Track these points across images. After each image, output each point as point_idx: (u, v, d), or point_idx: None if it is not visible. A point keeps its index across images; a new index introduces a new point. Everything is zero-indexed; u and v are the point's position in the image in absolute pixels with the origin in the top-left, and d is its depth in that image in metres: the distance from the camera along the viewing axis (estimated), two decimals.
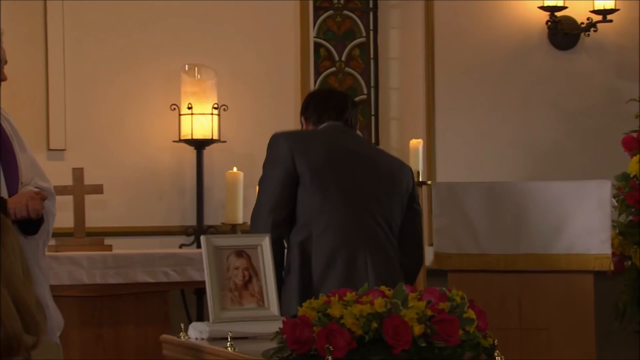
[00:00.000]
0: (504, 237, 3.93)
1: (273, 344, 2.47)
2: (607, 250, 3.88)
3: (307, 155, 3.65)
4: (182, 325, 3.11)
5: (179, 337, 3.06)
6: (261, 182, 3.80)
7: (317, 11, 6.61)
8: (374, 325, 2.26)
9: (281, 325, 2.42)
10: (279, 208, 3.62)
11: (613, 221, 4.90)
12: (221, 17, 5.97)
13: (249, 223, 5.63)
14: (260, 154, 5.75)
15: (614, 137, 5.71)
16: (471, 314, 2.33)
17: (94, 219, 5.53)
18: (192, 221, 5.79)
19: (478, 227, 3.95)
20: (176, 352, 3.04)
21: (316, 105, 3.91)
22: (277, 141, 3.76)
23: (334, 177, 3.60)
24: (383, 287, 2.42)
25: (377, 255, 3.45)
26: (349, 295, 2.37)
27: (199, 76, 5.74)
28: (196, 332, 3.05)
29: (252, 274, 3.09)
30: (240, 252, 3.09)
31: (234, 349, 2.70)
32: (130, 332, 4.91)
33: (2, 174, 3.95)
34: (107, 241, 5.22)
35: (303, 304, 2.44)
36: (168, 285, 4.98)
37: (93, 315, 4.92)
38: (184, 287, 5.28)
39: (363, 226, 3.50)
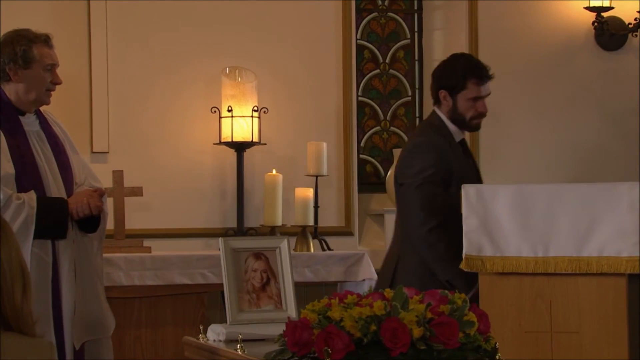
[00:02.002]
0: (533, 240, 3.88)
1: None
2: (639, 252, 3.81)
3: None
4: (202, 327, 3.13)
5: (199, 338, 3.09)
6: None
7: (361, 13, 6.62)
8: (373, 327, 2.26)
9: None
10: None
11: None
12: (262, 19, 6.00)
13: (288, 225, 5.73)
14: (301, 157, 5.84)
15: None
16: (472, 316, 2.32)
17: (136, 221, 5.60)
18: (232, 223, 5.83)
19: (507, 230, 3.90)
20: (195, 353, 3.07)
21: None
22: None
23: None
24: (387, 290, 2.42)
25: None
26: (350, 298, 2.38)
27: (239, 79, 5.78)
28: (214, 334, 3.07)
29: (270, 276, 3.11)
30: (258, 255, 3.11)
31: (244, 351, 2.72)
32: (168, 333, 4.98)
33: (59, 176, 4.05)
34: (148, 243, 5.29)
35: (306, 306, 2.45)
36: (205, 286, 5.04)
37: (131, 317, 5.00)
38: (221, 288, 5.29)
39: None
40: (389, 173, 6.37)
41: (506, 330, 3.89)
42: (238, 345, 2.79)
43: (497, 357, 2.34)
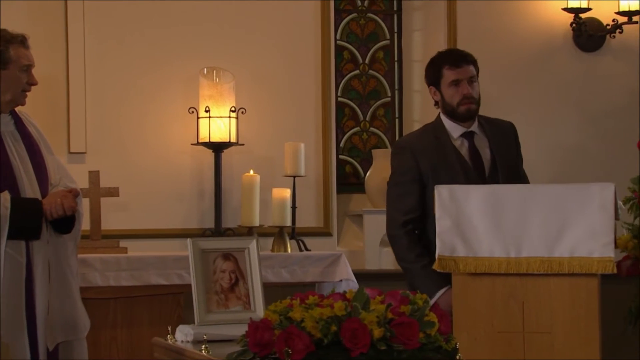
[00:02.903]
0: (506, 240, 3.89)
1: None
2: (610, 253, 3.81)
3: None
4: (170, 328, 3.14)
5: (167, 339, 3.09)
6: None
7: (340, 14, 6.63)
8: (333, 328, 2.27)
9: None
10: None
11: (628, 224, 4.86)
12: (240, 20, 6.00)
13: (265, 225, 5.73)
14: (279, 157, 5.84)
15: None
16: (432, 317, 2.32)
17: (113, 221, 5.60)
18: (210, 224, 5.83)
19: (480, 230, 3.91)
20: (163, 354, 3.07)
21: None
22: None
23: None
24: (350, 291, 2.43)
25: None
26: (311, 299, 2.38)
27: (217, 79, 5.78)
28: (182, 334, 3.07)
29: (238, 276, 3.11)
30: (227, 255, 3.12)
31: (209, 352, 2.72)
32: (144, 334, 4.96)
33: (34, 176, 4.05)
34: (125, 244, 5.29)
35: (269, 307, 2.45)
36: (182, 287, 5.02)
37: (107, 317, 4.99)
38: None
39: None
40: (368, 173, 6.38)
41: (479, 331, 3.91)
42: (203, 346, 2.79)
43: (457, 357, 2.34)
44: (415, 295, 2.39)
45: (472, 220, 3.94)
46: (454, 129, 4.41)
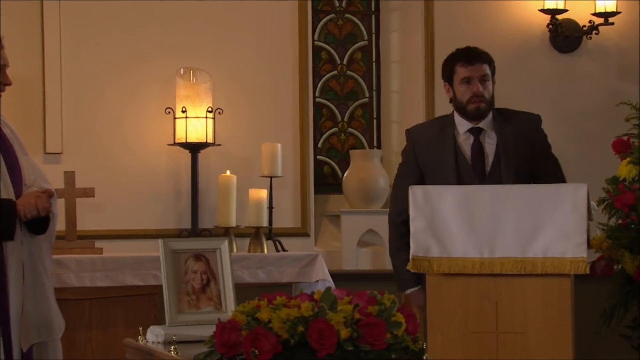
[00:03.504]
0: (480, 241, 3.90)
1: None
2: (583, 253, 3.83)
3: None
4: (141, 329, 3.13)
5: (138, 340, 3.09)
6: None
7: (318, 15, 6.63)
8: (300, 328, 2.27)
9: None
10: None
11: (602, 224, 4.88)
12: (217, 20, 6.00)
13: (242, 226, 5.72)
14: (256, 158, 5.84)
15: None
16: (399, 317, 2.33)
17: (89, 222, 5.59)
18: (187, 224, 5.82)
19: (454, 231, 3.93)
20: (134, 354, 3.06)
21: None
22: None
23: None
24: (318, 291, 2.43)
25: None
26: (279, 299, 2.38)
27: (193, 80, 5.77)
28: (153, 335, 3.07)
29: (210, 277, 3.11)
30: (198, 256, 3.11)
31: (178, 353, 2.72)
32: (119, 335, 4.94)
33: (7, 177, 4.03)
34: (102, 244, 5.28)
35: (237, 307, 2.45)
36: (157, 287, 4.98)
37: (82, 318, 4.98)
38: None
39: None
40: (345, 174, 6.39)
41: (453, 331, 3.92)
42: (172, 347, 2.79)
43: (424, 357, 2.34)
44: (382, 295, 2.39)
45: (446, 221, 3.95)
46: (463, 125, 4.43)
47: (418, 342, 2.38)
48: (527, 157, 4.41)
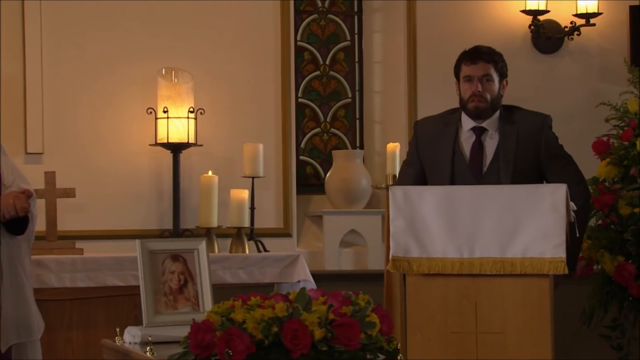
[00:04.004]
0: (459, 241, 3.91)
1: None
2: (562, 254, 3.84)
3: None
4: (118, 330, 3.12)
5: (115, 341, 3.08)
6: None
7: (301, 15, 6.63)
8: (274, 329, 2.27)
9: None
10: None
11: None
12: (199, 20, 5.99)
13: (223, 226, 5.72)
14: (239, 158, 5.83)
15: None
16: (374, 317, 2.33)
17: (70, 222, 5.57)
18: (169, 225, 5.81)
19: (434, 231, 3.93)
20: (111, 355, 3.06)
21: None
22: None
23: None
24: (294, 291, 2.43)
25: None
26: (253, 300, 2.38)
27: (175, 80, 5.77)
28: (130, 336, 3.06)
29: (187, 278, 3.11)
30: (176, 257, 3.11)
31: (153, 354, 2.72)
32: (99, 335, 4.89)
33: None
34: (84, 245, 5.27)
35: (212, 307, 2.45)
36: (138, 288, 4.97)
37: (63, 319, 4.97)
38: None
39: None
40: (328, 174, 6.39)
41: (432, 331, 3.92)
42: (148, 348, 2.78)
43: (398, 358, 2.34)
44: (357, 296, 2.39)
45: (425, 221, 3.96)
46: (467, 122, 4.46)
47: (392, 342, 2.39)
48: (529, 158, 4.41)
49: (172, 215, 5.77)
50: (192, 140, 5.74)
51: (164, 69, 5.78)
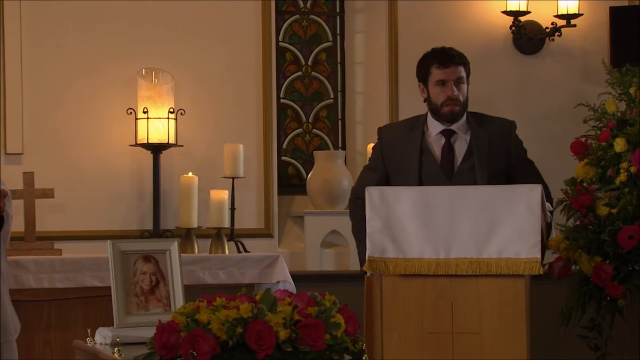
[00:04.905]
0: (435, 242, 3.91)
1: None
2: (537, 254, 3.84)
3: None
4: (89, 331, 3.12)
5: (86, 342, 3.08)
6: None
7: (283, 15, 6.63)
8: (239, 330, 2.27)
9: None
10: None
11: (560, 225, 4.90)
12: (180, 20, 5.99)
13: (204, 227, 5.71)
14: (219, 159, 5.83)
15: None
16: (339, 318, 2.33)
17: (50, 223, 5.56)
18: (150, 225, 5.80)
19: (410, 232, 3.93)
20: (82, 356, 3.05)
21: None
22: None
23: None
24: (261, 292, 2.43)
25: None
26: (219, 301, 2.38)
27: (155, 80, 5.76)
28: (101, 337, 3.06)
29: (159, 278, 3.10)
30: (147, 257, 3.11)
31: (121, 355, 2.71)
32: (78, 336, 4.88)
33: None
34: (63, 246, 5.25)
35: (178, 309, 2.44)
36: None
37: (41, 320, 4.95)
38: None
39: None
40: (309, 175, 6.39)
41: (409, 331, 3.92)
42: (116, 349, 2.78)
43: (363, 358, 2.34)
44: (323, 296, 2.39)
45: (402, 222, 3.95)
46: (435, 126, 4.40)
47: (358, 342, 2.38)
48: (500, 161, 4.39)
49: (152, 215, 5.76)
50: (172, 141, 5.73)
51: (144, 70, 5.77)
